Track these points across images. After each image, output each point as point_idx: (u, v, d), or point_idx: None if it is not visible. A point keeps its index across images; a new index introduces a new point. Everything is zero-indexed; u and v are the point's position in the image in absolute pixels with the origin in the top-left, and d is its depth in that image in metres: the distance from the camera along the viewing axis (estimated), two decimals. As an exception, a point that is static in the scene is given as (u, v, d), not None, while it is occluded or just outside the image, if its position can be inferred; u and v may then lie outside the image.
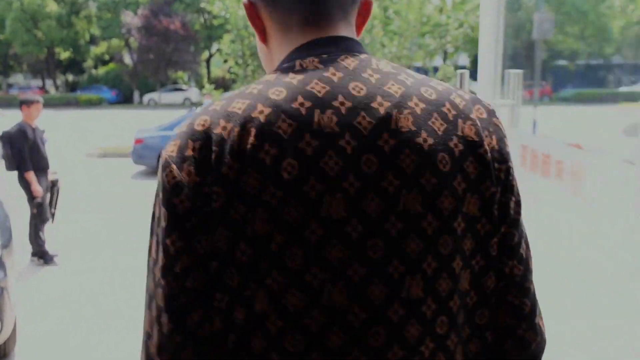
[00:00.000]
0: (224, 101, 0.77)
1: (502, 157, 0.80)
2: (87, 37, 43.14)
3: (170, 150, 0.75)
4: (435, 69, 15.36)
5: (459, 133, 0.76)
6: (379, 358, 0.72)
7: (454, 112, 0.77)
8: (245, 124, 0.72)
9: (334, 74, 0.76)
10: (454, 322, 0.76)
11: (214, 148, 0.72)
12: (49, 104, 36.08)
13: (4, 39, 38.01)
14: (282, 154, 0.70)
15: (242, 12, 14.24)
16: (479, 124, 0.78)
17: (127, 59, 39.70)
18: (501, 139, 0.81)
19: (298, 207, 0.70)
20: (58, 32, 39.45)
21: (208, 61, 43.87)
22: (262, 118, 0.72)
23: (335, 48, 0.79)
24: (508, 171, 0.80)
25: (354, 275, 0.71)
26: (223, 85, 34.02)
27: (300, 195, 0.70)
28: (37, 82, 48.31)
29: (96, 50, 43.87)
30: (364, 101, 0.74)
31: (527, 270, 0.82)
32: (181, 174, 0.72)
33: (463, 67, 13.33)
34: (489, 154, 0.78)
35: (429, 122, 0.75)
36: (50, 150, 5.46)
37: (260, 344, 0.71)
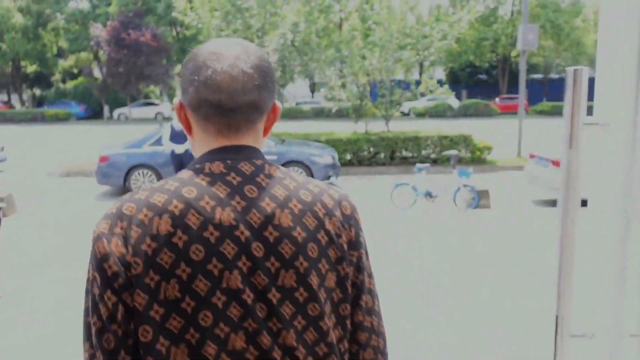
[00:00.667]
0: (148, 192, 1.01)
1: (356, 246, 1.09)
2: (55, 50, 41.91)
3: (102, 227, 0.99)
4: (418, 82, 14.86)
5: (325, 228, 1.04)
6: None
7: (323, 211, 1.05)
8: (163, 214, 0.96)
9: (234, 178, 1.02)
10: None
11: (136, 229, 0.96)
12: (14, 119, 35.08)
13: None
14: (192, 240, 0.96)
15: (215, 21, 13.61)
16: (341, 219, 1.07)
17: (97, 73, 38.49)
18: (357, 232, 1.10)
19: (205, 281, 0.95)
20: (24, 44, 38.16)
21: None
22: (176, 211, 0.97)
23: (238, 155, 1.04)
24: (360, 257, 1.09)
25: (249, 328, 0.98)
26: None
27: (206, 272, 0.95)
28: (2, 97, 46.77)
29: (64, 63, 42.61)
30: (255, 201, 1.00)
31: (380, 320, 1.14)
32: (110, 246, 0.97)
33: (440, 80, 12.79)
34: (346, 244, 1.07)
35: (304, 220, 1.03)
36: (9, 170, 4.62)
37: None
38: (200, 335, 0.94)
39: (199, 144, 1.07)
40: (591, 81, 1.01)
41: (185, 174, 1.02)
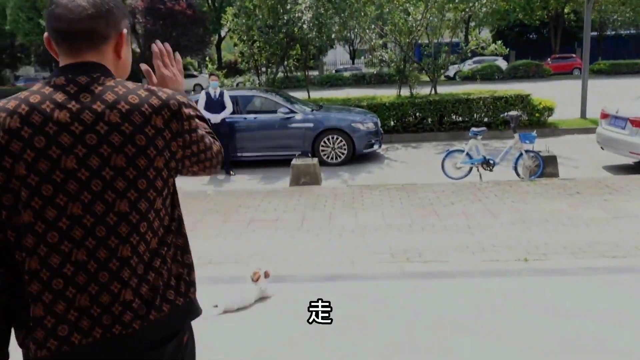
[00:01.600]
0: (5, 101, 1.37)
1: (182, 133, 1.45)
2: (93, 24, 41.66)
3: None
4: (466, 42, 13.58)
5: (152, 123, 1.38)
6: (102, 242, 1.35)
7: (149, 110, 1.38)
8: (13, 115, 1.33)
9: (72, 88, 1.37)
10: (150, 224, 1.40)
11: None
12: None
13: (7, 29, 36.51)
14: (35, 133, 1.31)
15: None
16: (168, 115, 1.41)
17: (134, 46, 38.12)
18: (183, 122, 1.45)
19: (46, 162, 1.31)
20: (62, 20, 37.92)
21: (218, 45, 42.24)
22: (23, 112, 1.33)
23: (78, 70, 1.39)
24: (188, 137, 1.47)
25: (85, 199, 1.33)
26: (235, 68, 32.41)
27: (47, 156, 1.31)
28: (46, 74, 47.23)
29: (103, 37, 42.41)
30: (88, 104, 1.36)
31: (205, 146, 1.53)
32: None
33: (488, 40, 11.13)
34: (174, 133, 1.42)
35: (131, 117, 1.36)
36: None
37: (32, 240, 1.32)
38: (42, 202, 1.31)
39: (60, 62, 1.44)
40: None
41: (37, 86, 1.39)
